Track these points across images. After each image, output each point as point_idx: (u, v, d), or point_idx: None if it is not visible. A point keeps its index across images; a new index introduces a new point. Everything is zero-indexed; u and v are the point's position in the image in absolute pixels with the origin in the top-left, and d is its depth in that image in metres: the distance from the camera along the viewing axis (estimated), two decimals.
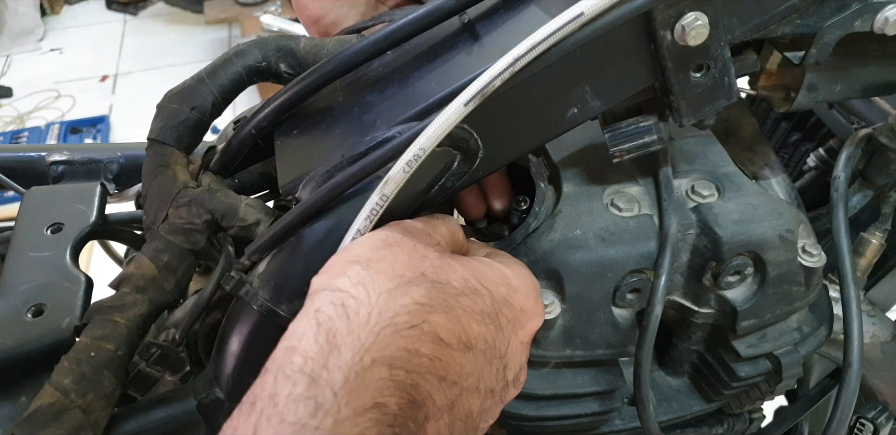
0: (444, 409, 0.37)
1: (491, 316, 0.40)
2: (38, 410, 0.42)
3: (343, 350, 0.34)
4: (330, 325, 0.35)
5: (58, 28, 3.62)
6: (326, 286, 0.37)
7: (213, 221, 0.49)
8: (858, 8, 0.45)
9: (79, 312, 0.52)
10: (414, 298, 0.37)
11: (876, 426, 0.64)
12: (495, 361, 0.40)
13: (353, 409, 0.32)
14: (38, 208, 0.63)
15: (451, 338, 0.37)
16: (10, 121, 3.05)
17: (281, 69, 0.53)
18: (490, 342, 0.40)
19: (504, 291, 0.42)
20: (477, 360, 0.39)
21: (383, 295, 0.37)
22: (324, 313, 0.36)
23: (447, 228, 0.45)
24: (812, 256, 0.52)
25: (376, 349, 0.35)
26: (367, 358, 0.34)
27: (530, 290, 0.45)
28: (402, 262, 0.39)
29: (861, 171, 0.62)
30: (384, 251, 0.39)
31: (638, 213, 0.51)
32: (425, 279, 0.38)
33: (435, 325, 0.37)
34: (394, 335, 0.35)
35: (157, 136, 0.51)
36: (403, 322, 0.36)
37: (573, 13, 0.39)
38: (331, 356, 0.34)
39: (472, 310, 0.39)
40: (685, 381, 0.61)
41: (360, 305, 0.36)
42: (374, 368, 0.34)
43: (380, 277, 0.37)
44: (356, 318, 0.36)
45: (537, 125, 0.44)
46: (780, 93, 0.54)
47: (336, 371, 0.33)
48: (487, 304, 0.41)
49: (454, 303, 0.39)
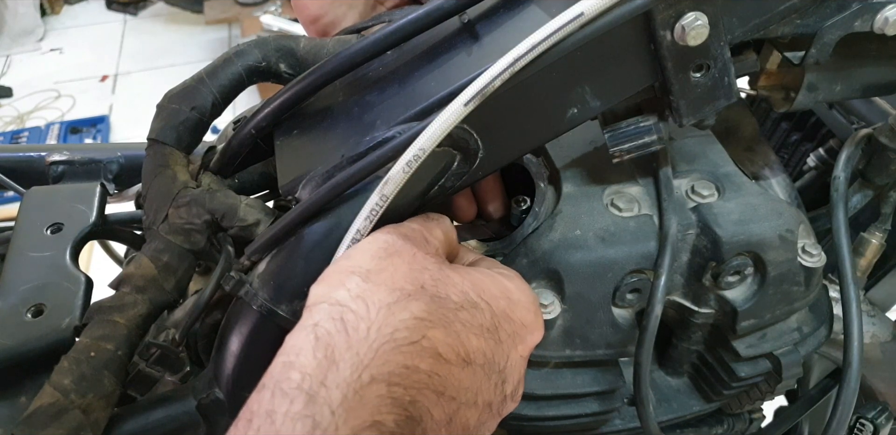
0: (441, 423, 0.36)
1: (490, 330, 0.40)
2: (38, 410, 0.42)
3: (342, 367, 0.34)
4: (328, 340, 0.35)
5: (58, 28, 3.62)
6: (325, 299, 0.37)
7: (213, 221, 0.49)
8: (858, 8, 0.45)
9: (79, 312, 0.52)
10: (413, 313, 0.36)
11: (876, 426, 0.64)
12: (494, 376, 0.40)
13: (350, 427, 0.32)
14: (38, 208, 0.63)
15: (450, 353, 0.37)
16: (10, 121, 3.05)
17: (281, 69, 0.53)
18: (489, 357, 0.39)
19: (504, 305, 0.42)
20: (475, 375, 0.39)
21: (383, 309, 0.36)
22: (322, 328, 0.35)
23: (442, 229, 0.44)
24: (812, 256, 0.52)
25: (375, 366, 0.34)
26: (366, 375, 0.34)
27: (530, 304, 0.44)
28: (402, 273, 0.38)
29: (861, 171, 0.62)
30: (384, 262, 0.39)
31: (638, 213, 0.51)
32: (425, 293, 0.38)
33: (434, 340, 0.36)
34: (393, 351, 0.35)
35: (157, 136, 0.51)
36: (403, 338, 0.35)
37: (573, 13, 0.39)
38: (329, 373, 0.33)
39: (471, 324, 0.39)
40: (685, 381, 0.61)
41: (359, 320, 0.35)
42: (373, 386, 0.34)
43: (379, 291, 0.37)
44: (355, 333, 0.35)
45: (537, 125, 0.44)
46: (780, 93, 0.54)
47: (334, 388, 0.33)
48: (487, 318, 0.40)
49: (453, 317, 0.38)
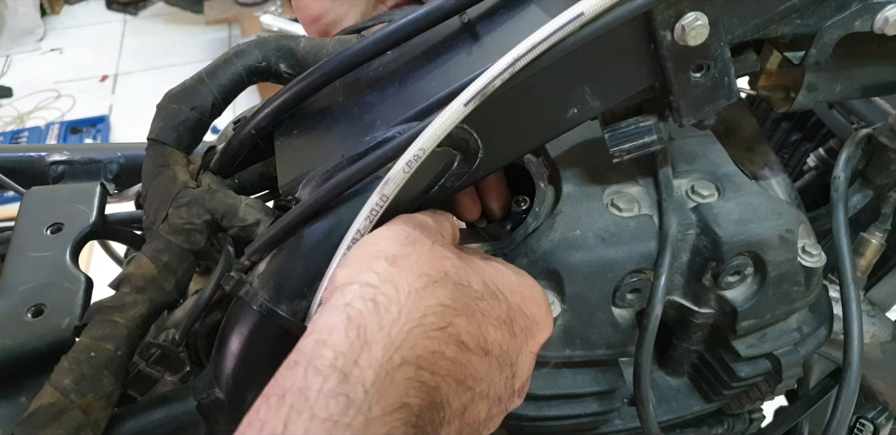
0: (457, 413, 0.37)
1: (507, 322, 0.40)
2: (38, 410, 0.42)
3: (374, 347, 0.34)
4: (361, 320, 0.35)
5: (58, 28, 3.62)
6: (355, 280, 0.37)
7: (213, 221, 0.49)
8: (858, 8, 0.45)
9: (79, 312, 0.52)
10: (440, 299, 0.37)
11: (876, 426, 0.64)
12: (507, 369, 0.40)
13: (382, 408, 0.32)
14: (38, 208, 0.63)
15: (472, 342, 0.37)
16: (10, 121, 3.05)
17: (281, 69, 0.53)
18: (504, 349, 0.40)
19: (519, 299, 0.42)
20: (491, 366, 0.39)
21: (412, 294, 0.36)
22: (354, 308, 0.35)
23: (450, 224, 0.45)
24: (812, 256, 0.52)
25: (406, 348, 0.34)
26: (397, 356, 0.34)
27: (542, 301, 0.44)
28: (425, 260, 0.38)
29: (861, 171, 0.62)
30: (408, 248, 0.39)
31: (638, 213, 0.51)
32: (448, 280, 0.38)
33: (458, 328, 0.37)
34: (422, 335, 0.35)
35: (157, 136, 0.51)
36: (430, 323, 0.36)
37: (573, 13, 0.39)
38: (363, 352, 0.33)
39: (490, 315, 0.39)
40: (685, 381, 0.61)
41: (390, 303, 0.35)
42: (403, 368, 0.34)
43: (408, 275, 0.37)
44: (387, 314, 0.35)
45: (537, 125, 0.44)
46: (780, 93, 0.54)
47: (367, 368, 0.33)
48: (504, 310, 0.40)
49: (475, 306, 0.38)
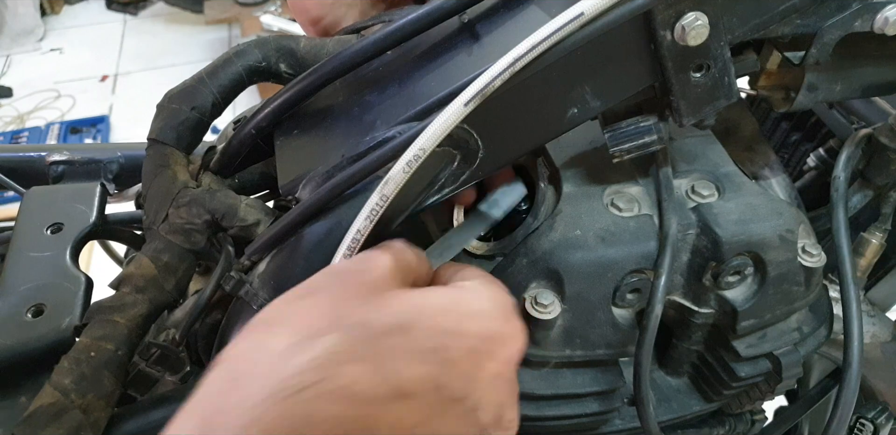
0: None
1: (433, 351, 0.35)
2: (38, 410, 0.42)
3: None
4: (209, 406, 0.32)
5: (58, 28, 3.62)
6: (225, 357, 0.34)
7: (213, 221, 0.49)
8: (858, 8, 0.45)
9: (79, 312, 0.52)
10: (315, 353, 0.33)
11: (876, 426, 0.64)
12: (454, 405, 0.35)
13: None
14: (38, 208, 0.63)
15: (375, 389, 0.32)
16: (10, 121, 3.05)
17: (281, 69, 0.53)
18: (437, 383, 0.34)
19: (453, 320, 0.36)
20: (421, 407, 0.33)
21: (274, 358, 0.32)
22: (206, 392, 0.33)
23: (392, 255, 0.40)
24: (812, 256, 0.52)
25: (257, 427, 0.30)
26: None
27: (495, 311, 0.38)
28: (319, 310, 0.35)
29: (861, 171, 0.62)
30: (295, 305, 0.36)
31: (638, 213, 0.51)
32: (339, 325, 0.34)
33: (346, 378, 0.32)
34: (283, 402, 0.31)
35: (157, 136, 0.51)
36: (294, 385, 0.31)
37: (573, 13, 0.39)
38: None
39: (402, 350, 0.34)
40: (685, 381, 0.61)
41: (244, 377, 0.32)
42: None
43: (276, 338, 0.34)
44: (236, 393, 0.32)
45: (537, 125, 0.44)
46: (780, 93, 0.54)
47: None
48: (425, 339, 0.35)
49: (376, 345, 0.34)
